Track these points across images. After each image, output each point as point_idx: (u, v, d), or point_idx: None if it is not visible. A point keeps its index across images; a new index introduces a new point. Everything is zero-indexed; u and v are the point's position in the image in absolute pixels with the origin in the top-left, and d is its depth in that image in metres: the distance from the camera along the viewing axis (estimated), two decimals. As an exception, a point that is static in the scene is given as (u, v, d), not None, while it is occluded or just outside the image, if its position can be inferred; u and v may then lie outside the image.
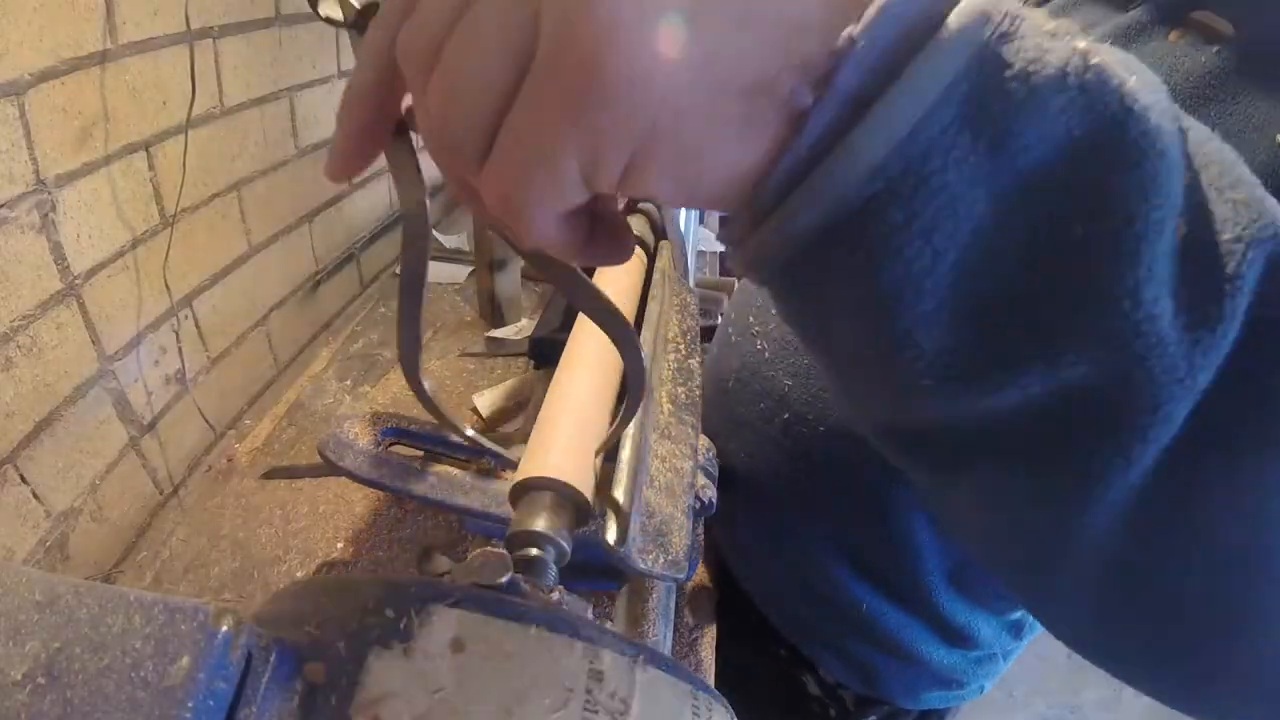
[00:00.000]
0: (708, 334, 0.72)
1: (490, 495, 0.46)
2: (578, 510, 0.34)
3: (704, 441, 0.55)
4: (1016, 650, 0.60)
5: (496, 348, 1.02)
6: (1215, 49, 0.34)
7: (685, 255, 0.98)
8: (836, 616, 0.56)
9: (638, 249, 0.63)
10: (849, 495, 0.50)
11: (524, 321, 1.08)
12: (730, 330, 0.62)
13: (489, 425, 0.87)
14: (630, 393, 0.29)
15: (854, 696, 0.61)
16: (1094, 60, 0.16)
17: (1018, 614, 0.55)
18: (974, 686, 0.60)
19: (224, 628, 0.17)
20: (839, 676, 0.61)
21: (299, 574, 0.67)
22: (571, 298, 0.24)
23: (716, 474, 0.53)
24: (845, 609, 0.54)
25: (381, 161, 0.21)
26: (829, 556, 0.53)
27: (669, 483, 0.43)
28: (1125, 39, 0.36)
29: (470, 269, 1.22)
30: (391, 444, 0.52)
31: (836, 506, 0.51)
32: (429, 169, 0.21)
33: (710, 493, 0.50)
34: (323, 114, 0.93)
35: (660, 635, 0.50)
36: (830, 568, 0.53)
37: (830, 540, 0.53)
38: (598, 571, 0.46)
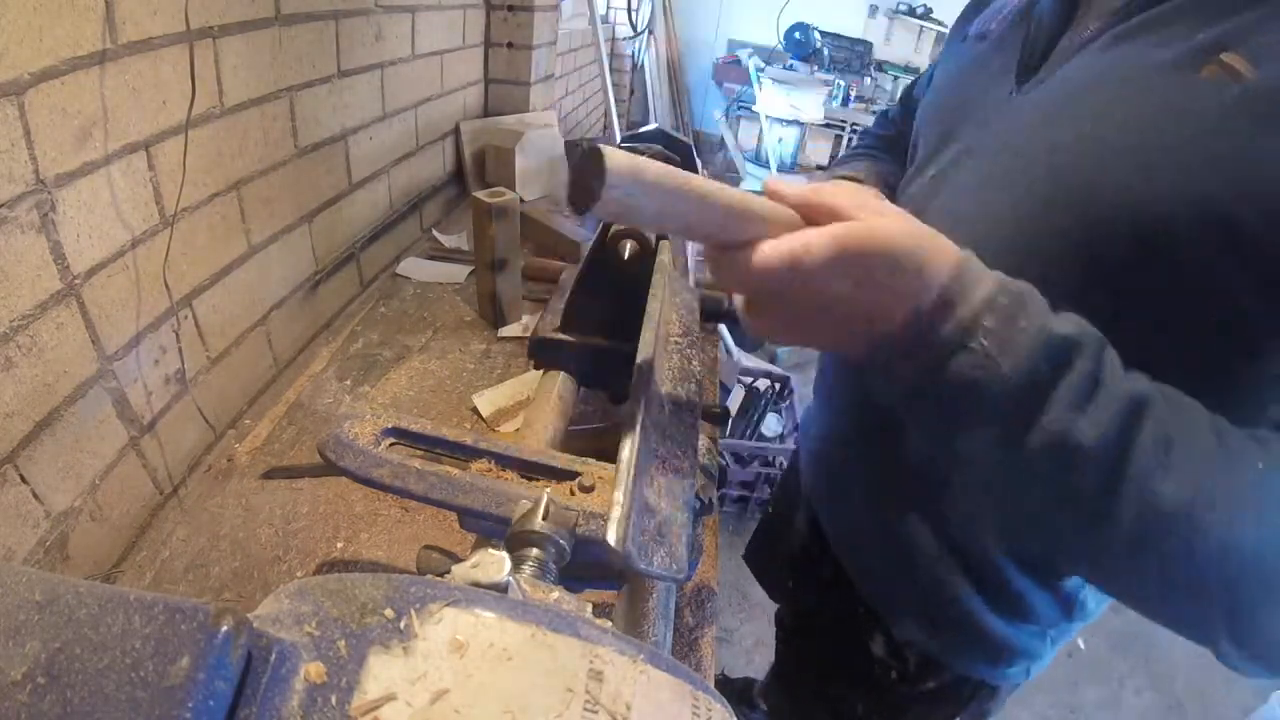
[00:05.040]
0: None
1: (490, 495, 0.46)
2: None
3: (704, 442, 0.55)
4: (1066, 635, 0.64)
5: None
6: (1237, 90, 0.37)
7: (685, 254, 0.98)
8: (907, 567, 0.62)
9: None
10: (931, 463, 0.56)
11: (526, 319, 1.09)
12: None
13: (489, 425, 0.87)
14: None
15: (918, 658, 0.67)
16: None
17: (1072, 586, 0.58)
18: (1020, 667, 0.64)
19: (224, 628, 0.17)
20: (906, 632, 0.66)
21: (299, 574, 0.67)
22: None
23: (717, 474, 0.53)
24: (917, 561, 0.60)
25: (380, 161, 0.22)
26: (908, 511, 0.60)
27: (669, 482, 0.42)
28: (1161, 74, 0.41)
29: (470, 269, 1.22)
30: (391, 444, 0.52)
31: (917, 472, 0.58)
32: None
33: (710, 492, 0.50)
34: (323, 114, 0.93)
35: (660, 635, 0.49)
36: (909, 521, 0.60)
37: (909, 498, 0.60)
38: (598, 571, 0.46)
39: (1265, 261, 0.37)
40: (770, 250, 0.34)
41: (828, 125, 4.06)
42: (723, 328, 2.05)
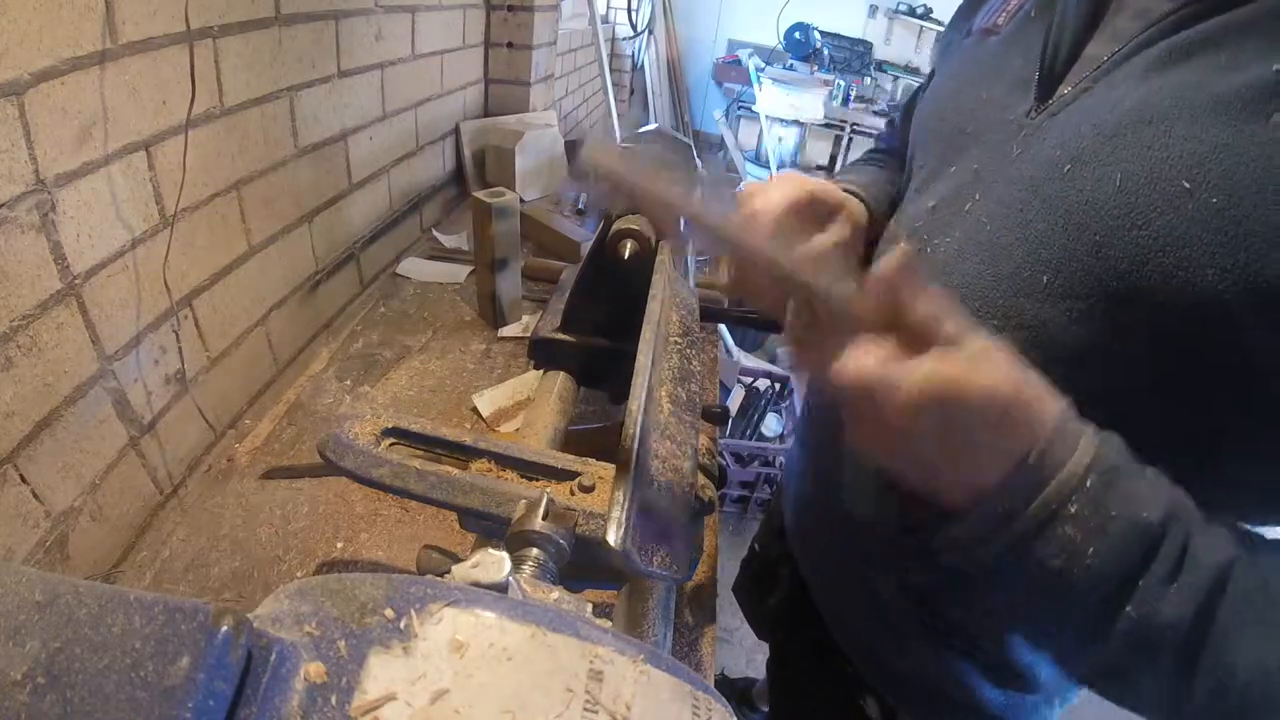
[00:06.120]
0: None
1: (490, 495, 0.46)
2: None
3: (704, 442, 0.55)
4: (1072, 697, 0.59)
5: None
6: None
7: (686, 255, 0.98)
8: (898, 641, 0.57)
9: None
10: (929, 553, 0.52)
11: (526, 319, 1.09)
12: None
13: (489, 425, 0.87)
14: None
15: None
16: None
17: None
18: None
19: (224, 628, 0.17)
20: (900, 704, 0.62)
21: (299, 574, 0.67)
22: None
23: (717, 474, 0.53)
24: (909, 636, 0.56)
25: (380, 160, 0.22)
26: (893, 589, 0.55)
27: (669, 483, 0.42)
28: (1223, 119, 0.33)
29: (470, 269, 1.22)
30: (391, 444, 0.52)
31: (916, 559, 0.52)
32: None
33: (710, 493, 0.50)
34: (323, 114, 0.93)
35: (660, 635, 0.49)
36: (892, 596, 0.55)
37: (900, 573, 0.54)
38: (598, 571, 0.46)
39: None
40: (853, 368, 0.31)
41: (828, 125, 4.06)
42: (723, 328, 2.05)
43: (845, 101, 4.09)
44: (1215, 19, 0.35)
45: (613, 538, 0.33)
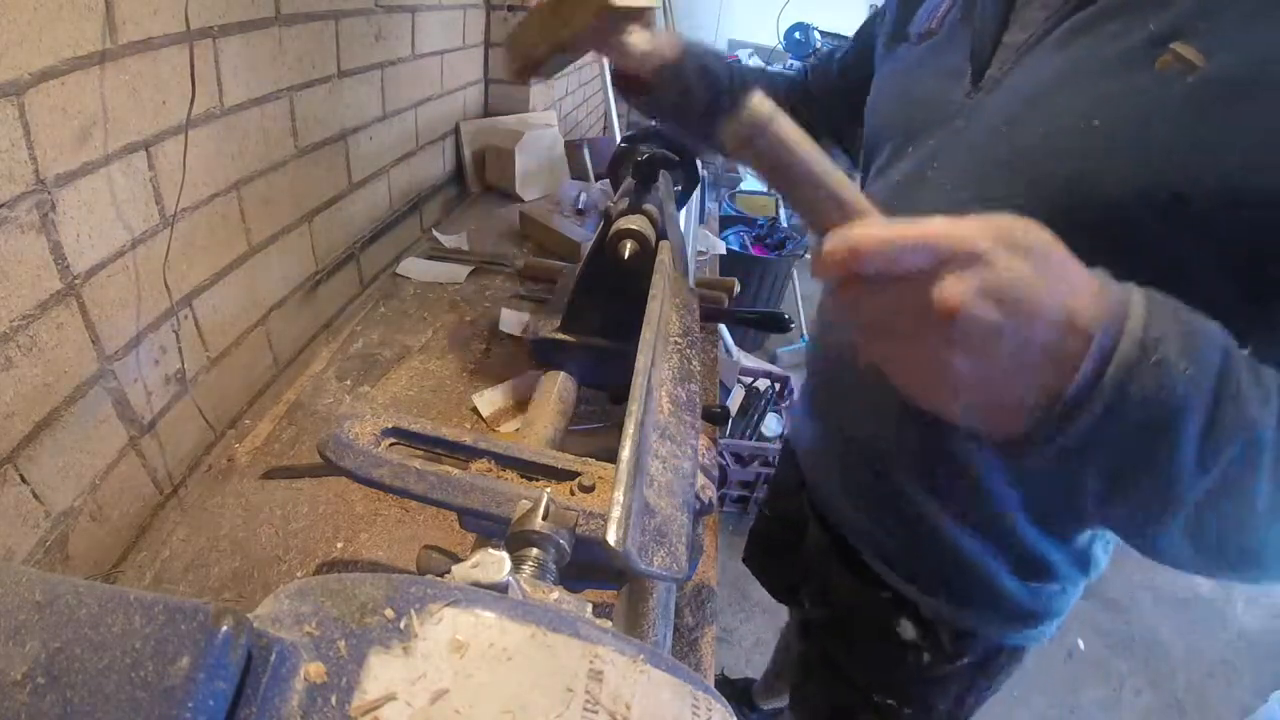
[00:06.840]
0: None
1: (490, 495, 0.46)
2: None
3: (704, 442, 0.55)
4: (1079, 591, 0.66)
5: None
6: (1190, 80, 0.39)
7: (685, 255, 0.98)
8: (930, 549, 0.63)
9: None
10: (937, 448, 0.58)
11: (527, 319, 1.08)
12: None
13: (489, 425, 0.87)
14: None
15: (951, 634, 0.67)
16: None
17: (1083, 541, 0.60)
18: (1043, 628, 0.66)
19: (224, 628, 0.17)
20: (936, 610, 0.67)
21: (299, 574, 0.67)
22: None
23: (717, 474, 0.53)
24: (938, 542, 0.61)
25: (380, 160, 0.22)
26: (917, 492, 0.61)
27: (669, 483, 0.42)
28: (1117, 71, 0.42)
29: (470, 269, 1.22)
30: (391, 444, 0.52)
31: (926, 457, 0.59)
32: None
33: (710, 493, 0.50)
34: (323, 114, 0.93)
35: (660, 635, 0.49)
36: (917, 500, 0.61)
37: (919, 480, 0.61)
38: (598, 571, 0.46)
39: (1218, 243, 0.40)
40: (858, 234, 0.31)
41: (828, 125, 4.06)
42: (723, 328, 2.05)
43: (845, 101, 4.08)
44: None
45: (613, 538, 0.34)
